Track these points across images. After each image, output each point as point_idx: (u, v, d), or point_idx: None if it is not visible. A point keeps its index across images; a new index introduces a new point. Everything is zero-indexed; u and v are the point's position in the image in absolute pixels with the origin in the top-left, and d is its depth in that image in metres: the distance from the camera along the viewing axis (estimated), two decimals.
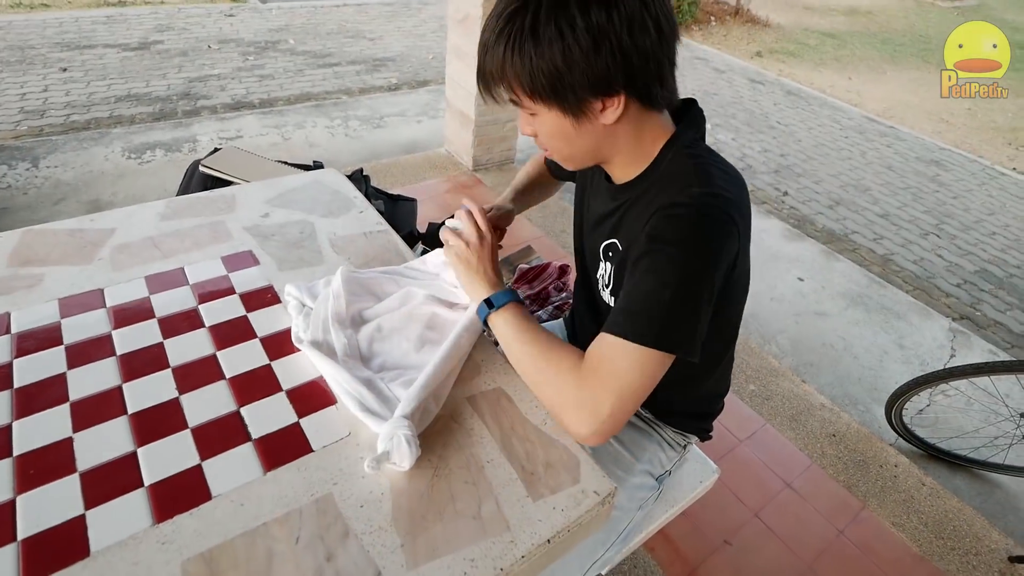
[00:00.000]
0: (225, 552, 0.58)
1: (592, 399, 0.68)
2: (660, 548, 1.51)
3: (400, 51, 4.93)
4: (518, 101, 0.73)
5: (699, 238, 0.68)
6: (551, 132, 0.74)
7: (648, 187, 0.78)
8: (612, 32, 0.63)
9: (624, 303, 0.70)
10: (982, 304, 2.88)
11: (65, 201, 2.62)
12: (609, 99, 0.68)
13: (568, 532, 0.65)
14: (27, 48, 4.19)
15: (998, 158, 4.72)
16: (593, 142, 0.74)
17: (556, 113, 0.70)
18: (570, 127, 0.72)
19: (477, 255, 0.86)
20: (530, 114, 0.74)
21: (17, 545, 0.57)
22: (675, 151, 0.76)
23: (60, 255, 0.96)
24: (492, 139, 3.07)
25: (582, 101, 0.68)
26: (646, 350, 0.67)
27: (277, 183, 1.22)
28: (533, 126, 0.76)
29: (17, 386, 0.72)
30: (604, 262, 0.86)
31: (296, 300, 0.88)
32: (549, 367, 0.73)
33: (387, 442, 0.67)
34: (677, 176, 0.74)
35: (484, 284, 0.84)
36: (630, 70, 0.66)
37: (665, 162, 0.76)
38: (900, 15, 9.33)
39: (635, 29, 0.64)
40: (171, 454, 0.66)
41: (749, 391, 2.04)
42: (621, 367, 0.68)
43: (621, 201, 0.82)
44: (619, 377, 0.68)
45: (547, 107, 0.70)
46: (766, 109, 4.95)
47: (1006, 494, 1.86)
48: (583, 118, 0.70)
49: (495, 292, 0.83)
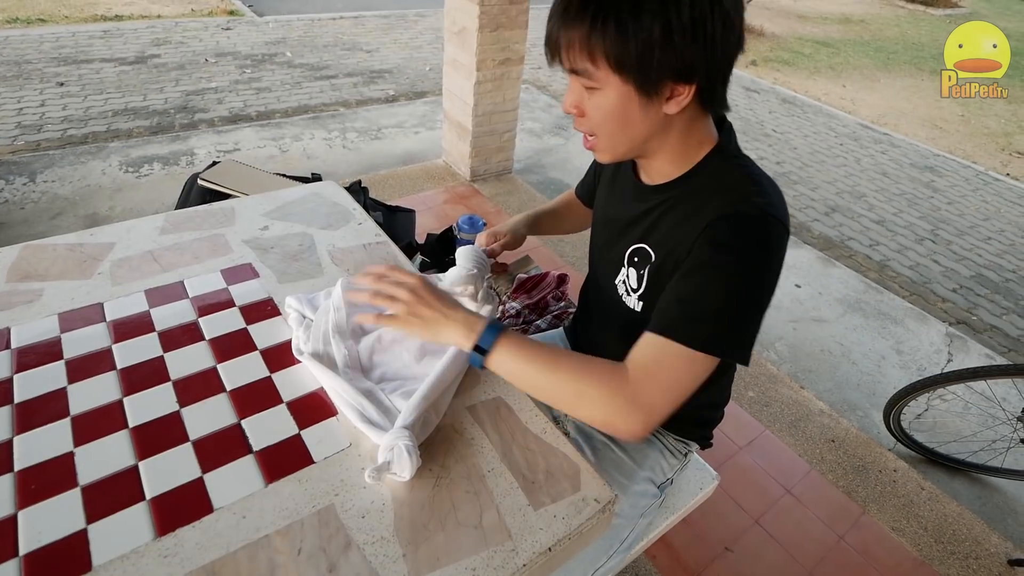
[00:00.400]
0: (227, 565, 0.58)
1: (647, 401, 0.68)
2: (661, 555, 1.51)
3: (397, 63, 4.96)
4: (587, 71, 0.69)
5: (765, 247, 0.69)
6: (611, 111, 0.71)
7: (689, 192, 0.78)
8: (710, 21, 0.64)
9: (682, 308, 0.70)
10: (978, 309, 2.89)
11: (62, 216, 2.62)
12: (681, 87, 0.69)
13: (569, 540, 0.65)
14: (24, 63, 4.21)
15: (992, 164, 4.75)
16: (647, 130, 0.73)
17: (628, 90, 0.68)
18: (635, 108, 0.70)
19: (422, 303, 0.75)
20: (591, 88, 0.70)
21: (19, 560, 0.57)
22: (722, 159, 0.77)
23: (59, 270, 0.96)
24: (489, 150, 3.08)
25: (659, 83, 0.67)
26: (701, 354, 0.68)
27: (276, 196, 1.23)
28: (584, 104, 0.73)
29: (18, 401, 0.73)
30: (627, 268, 0.86)
31: (296, 312, 0.88)
32: (583, 379, 0.70)
33: (387, 453, 0.67)
34: (731, 185, 0.75)
35: (455, 327, 0.74)
36: (712, 63, 0.67)
37: (711, 168, 0.77)
38: (893, 23, 9.43)
39: (727, 25, 0.66)
40: (172, 467, 0.67)
41: (748, 398, 2.04)
42: (676, 370, 0.69)
43: (653, 203, 0.82)
44: (674, 379, 0.69)
45: (622, 81, 0.68)
46: (761, 117, 4.98)
47: (1005, 498, 1.87)
48: (650, 101, 0.69)
49: (476, 333, 0.73)
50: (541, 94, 4.61)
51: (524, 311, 1.69)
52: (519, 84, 2.96)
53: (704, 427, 1.04)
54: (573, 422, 1.06)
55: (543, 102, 4.46)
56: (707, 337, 0.68)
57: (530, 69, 5.05)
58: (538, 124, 4.07)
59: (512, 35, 2.75)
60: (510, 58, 2.81)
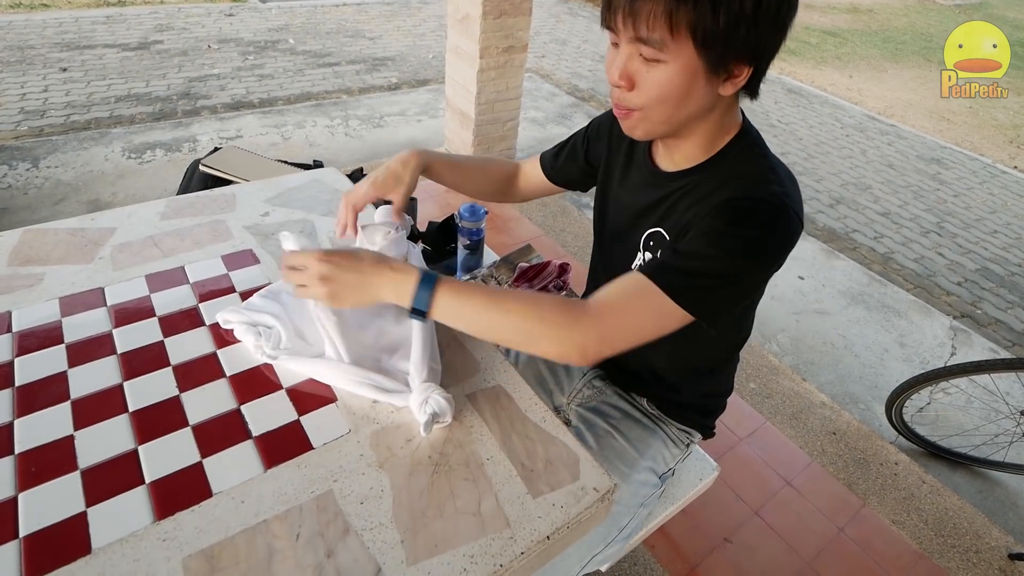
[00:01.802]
0: (226, 549, 0.58)
1: (606, 333, 0.68)
2: (660, 546, 1.51)
3: (400, 50, 4.93)
4: (661, 42, 0.64)
5: (766, 233, 0.69)
6: (673, 86, 0.68)
7: (708, 178, 0.77)
8: (786, 6, 0.64)
9: (671, 259, 0.71)
10: (983, 302, 2.88)
11: (65, 201, 2.62)
12: (742, 68, 0.67)
13: (568, 529, 0.65)
14: (27, 48, 4.20)
15: (999, 156, 4.71)
16: (695, 110, 0.71)
17: (698, 66, 0.66)
18: (698, 85, 0.68)
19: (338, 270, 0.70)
20: (655, 60, 0.67)
21: (19, 542, 0.57)
22: (744, 147, 0.77)
23: (61, 254, 0.96)
24: (492, 138, 3.07)
25: (728, 62, 0.66)
26: (674, 305, 0.68)
27: (277, 182, 1.23)
28: (640, 76, 0.69)
29: (18, 384, 0.73)
30: (644, 252, 0.86)
31: (241, 324, 0.81)
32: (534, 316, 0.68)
33: (424, 406, 0.71)
34: (750, 173, 0.74)
35: (384, 286, 0.71)
36: (774, 46, 0.67)
37: (732, 155, 0.77)
38: (901, 13, 9.32)
39: (794, 10, 0.66)
40: (172, 452, 0.67)
41: (750, 389, 2.04)
42: (645, 310, 0.69)
43: (671, 189, 0.81)
44: (640, 320, 0.70)
45: (697, 55, 0.65)
46: (767, 107, 4.94)
47: (1006, 492, 1.86)
48: (712, 80, 0.68)
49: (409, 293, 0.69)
50: (544, 82, 4.58)
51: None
52: (522, 72, 2.93)
53: (707, 416, 1.04)
54: (575, 410, 1.06)
55: (546, 91, 4.43)
56: (681, 289, 0.68)
57: (533, 57, 5.01)
58: (541, 113, 4.05)
59: (516, 22, 2.72)
60: (513, 46, 2.79)
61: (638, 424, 1.02)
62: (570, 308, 0.69)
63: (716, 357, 0.98)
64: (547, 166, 1.06)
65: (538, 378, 1.14)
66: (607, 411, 1.03)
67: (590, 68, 4.99)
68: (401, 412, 0.75)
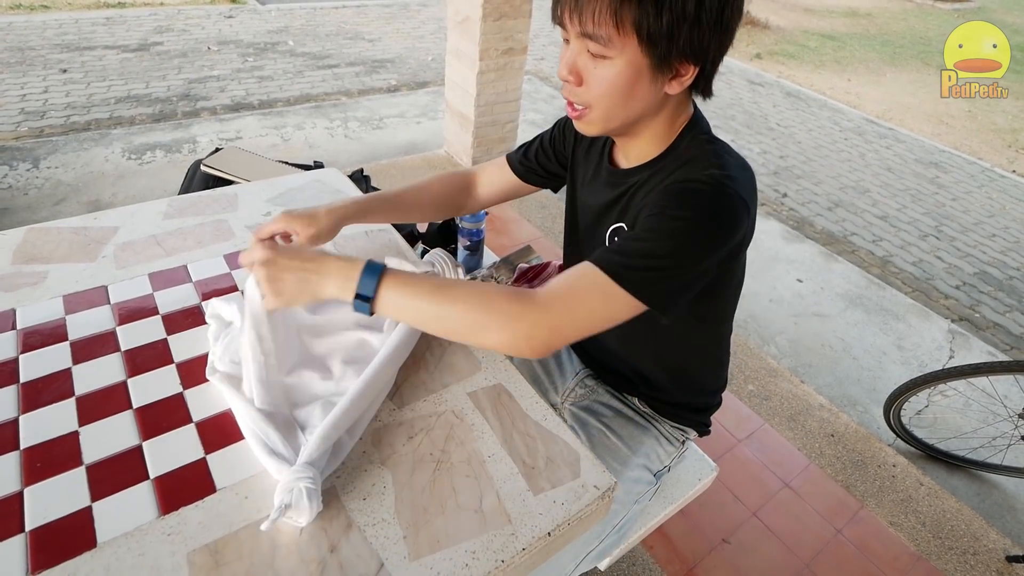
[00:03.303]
0: (229, 544, 0.59)
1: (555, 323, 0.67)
2: (658, 546, 1.51)
3: (399, 53, 4.94)
4: (606, 38, 0.66)
5: (709, 214, 0.69)
6: (617, 82, 0.70)
7: (660, 170, 0.79)
8: (729, 7, 0.66)
9: (618, 247, 0.71)
10: (981, 306, 2.89)
11: (66, 202, 2.63)
12: (687, 67, 0.69)
13: (568, 525, 0.66)
14: (27, 49, 4.20)
15: (998, 160, 4.73)
16: (645, 107, 0.74)
17: (642, 63, 0.68)
18: (643, 83, 0.70)
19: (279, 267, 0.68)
20: (601, 56, 0.68)
21: (25, 536, 0.57)
22: (693, 136, 0.79)
23: (64, 253, 0.96)
24: (491, 140, 3.08)
25: (673, 60, 0.68)
26: (620, 290, 0.67)
27: (278, 182, 1.23)
28: (587, 72, 0.71)
29: (23, 381, 0.73)
30: None
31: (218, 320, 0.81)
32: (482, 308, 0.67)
33: (285, 494, 0.60)
34: (694, 159, 0.76)
35: (328, 279, 0.69)
36: (720, 49, 0.69)
37: (683, 145, 0.79)
38: (900, 17, 9.36)
39: (738, 16, 0.67)
40: (175, 448, 0.67)
41: (748, 391, 2.04)
42: (593, 298, 0.68)
43: (628, 185, 0.83)
44: (589, 308, 0.68)
45: (641, 53, 0.67)
46: (765, 111, 4.96)
47: (1004, 494, 1.87)
48: (658, 78, 0.70)
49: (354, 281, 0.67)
50: (543, 85, 4.59)
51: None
52: (522, 74, 2.95)
53: (700, 413, 1.05)
54: (570, 409, 1.06)
55: (545, 93, 4.45)
56: (630, 277, 0.68)
57: (533, 60, 5.03)
58: (540, 115, 4.06)
59: (515, 24, 2.73)
60: (513, 48, 2.80)
61: (631, 422, 1.03)
62: (518, 297, 0.67)
63: (702, 355, 0.99)
64: (516, 165, 1.05)
65: (532, 377, 1.15)
66: (600, 410, 1.04)
67: None
68: (403, 410, 0.76)
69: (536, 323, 0.66)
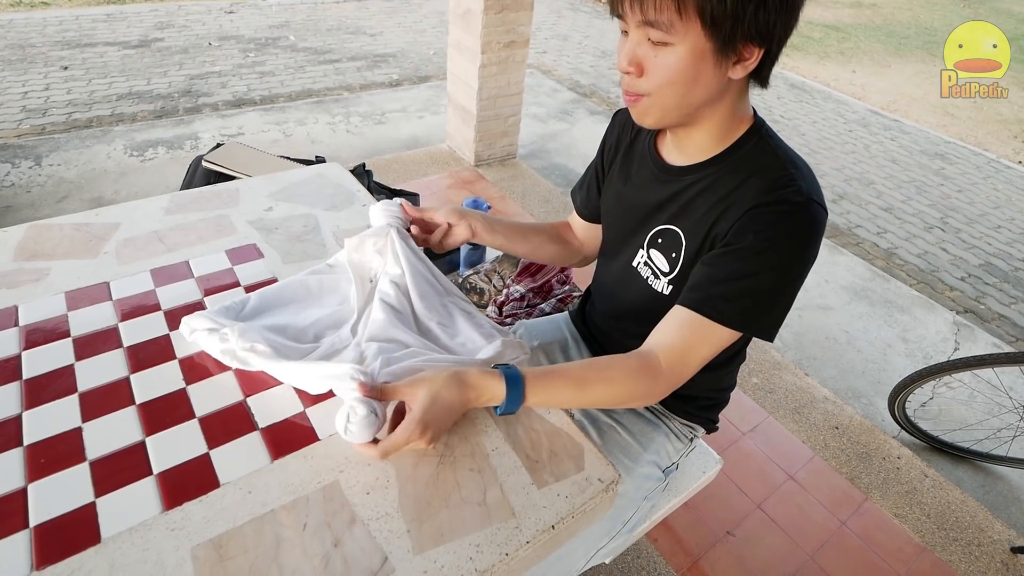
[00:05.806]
0: (234, 539, 0.59)
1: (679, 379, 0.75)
2: (663, 538, 1.52)
3: (401, 47, 4.92)
4: (668, 23, 0.65)
5: (807, 235, 0.71)
6: (681, 68, 0.67)
7: (726, 173, 0.77)
8: None
9: (718, 288, 0.72)
10: (986, 298, 2.87)
11: (68, 199, 2.63)
12: (751, 50, 0.68)
13: (572, 518, 0.66)
14: (28, 47, 4.20)
15: (1004, 151, 4.69)
16: (708, 93, 0.71)
17: (706, 47, 0.66)
18: (707, 68, 0.68)
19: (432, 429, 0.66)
20: (662, 43, 0.67)
21: (29, 531, 0.58)
22: (760, 139, 0.77)
23: (66, 249, 0.96)
24: (494, 134, 3.07)
25: (737, 42, 0.66)
26: (728, 332, 0.73)
27: (280, 177, 1.23)
28: (648, 60, 0.69)
29: (26, 377, 0.73)
30: (651, 250, 0.86)
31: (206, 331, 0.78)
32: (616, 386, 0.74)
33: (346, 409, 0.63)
34: (767, 166, 0.75)
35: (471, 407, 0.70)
36: (785, 31, 0.68)
37: (748, 147, 0.77)
38: (905, 7, 9.27)
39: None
40: (179, 443, 0.67)
41: (752, 384, 2.04)
42: (707, 346, 0.74)
43: (685, 184, 0.80)
44: (704, 355, 0.75)
45: (704, 37, 0.65)
46: (769, 102, 4.93)
47: (1009, 486, 1.87)
48: (722, 62, 0.68)
49: (497, 398, 0.68)
50: (546, 78, 4.57)
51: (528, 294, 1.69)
52: (524, 68, 2.93)
53: (711, 410, 1.04)
54: None
55: (548, 86, 4.43)
56: (740, 316, 0.71)
57: (535, 53, 5.00)
58: (543, 109, 4.04)
59: (517, 17, 2.72)
60: (515, 40, 2.79)
61: (641, 418, 1.03)
62: (643, 373, 0.74)
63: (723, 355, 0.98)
64: (578, 203, 1.06)
65: None
66: None
67: (591, 64, 4.98)
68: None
69: (662, 392, 0.76)
